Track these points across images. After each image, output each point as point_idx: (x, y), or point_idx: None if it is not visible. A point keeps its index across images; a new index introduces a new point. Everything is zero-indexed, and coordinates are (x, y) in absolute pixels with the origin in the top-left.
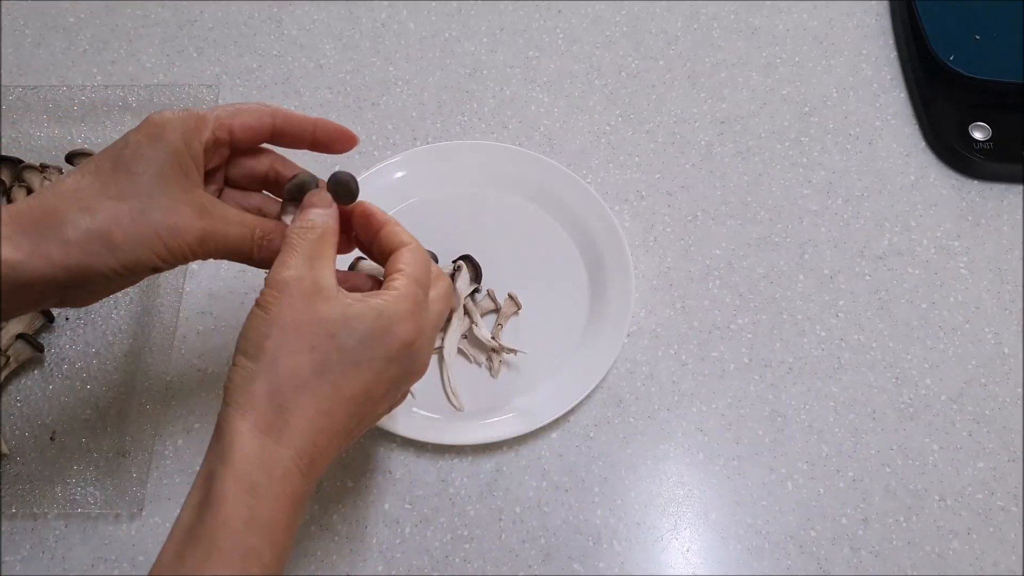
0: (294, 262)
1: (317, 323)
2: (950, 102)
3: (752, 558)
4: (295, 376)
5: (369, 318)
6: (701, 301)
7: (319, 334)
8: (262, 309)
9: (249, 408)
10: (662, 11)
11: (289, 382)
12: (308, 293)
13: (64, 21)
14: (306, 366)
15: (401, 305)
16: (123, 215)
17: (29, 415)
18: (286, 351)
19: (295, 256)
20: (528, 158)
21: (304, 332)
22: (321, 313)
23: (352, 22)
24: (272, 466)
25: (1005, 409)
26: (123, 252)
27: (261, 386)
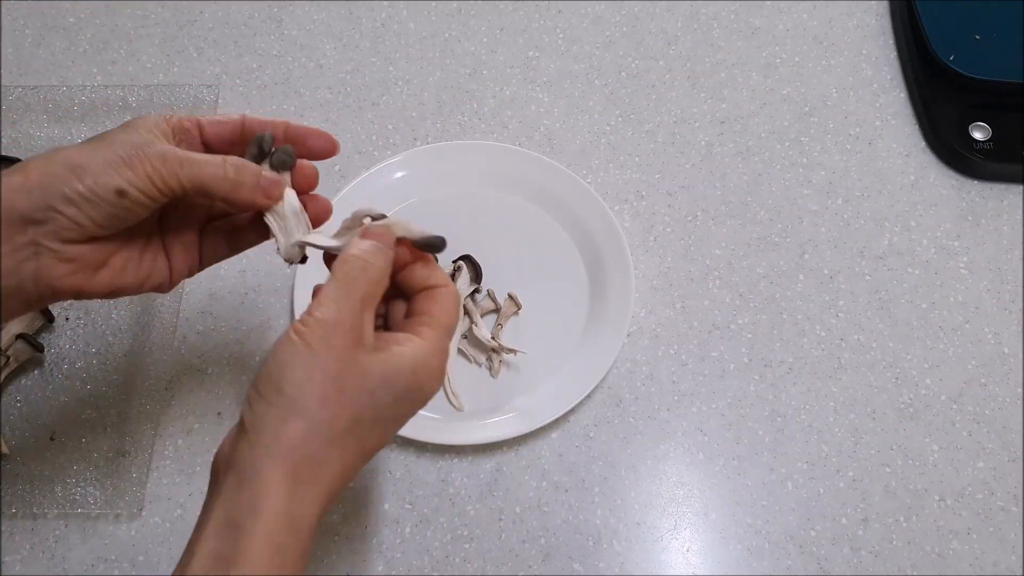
0: (346, 302)
1: (359, 377)
2: (950, 102)
3: (752, 558)
4: (331, 429)
5: (405, 375)
6: (701, 301)
7: (360, 390)
8: (306, 345)
9: (282, 456)
10: (662, 11)
11: (324, 434)
12: (354, 343)
13: (64, 21)
14: (342, 421)
15: (433, 361)
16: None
17: (29, 415)
18: (326, 402)
19: (347, 296)
20: (528, 158)
21: (346, 386)
22: (363, 367)
23: (352, 22)
24: (300, 525)
25: (1005, 409)
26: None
27: (294, 433)
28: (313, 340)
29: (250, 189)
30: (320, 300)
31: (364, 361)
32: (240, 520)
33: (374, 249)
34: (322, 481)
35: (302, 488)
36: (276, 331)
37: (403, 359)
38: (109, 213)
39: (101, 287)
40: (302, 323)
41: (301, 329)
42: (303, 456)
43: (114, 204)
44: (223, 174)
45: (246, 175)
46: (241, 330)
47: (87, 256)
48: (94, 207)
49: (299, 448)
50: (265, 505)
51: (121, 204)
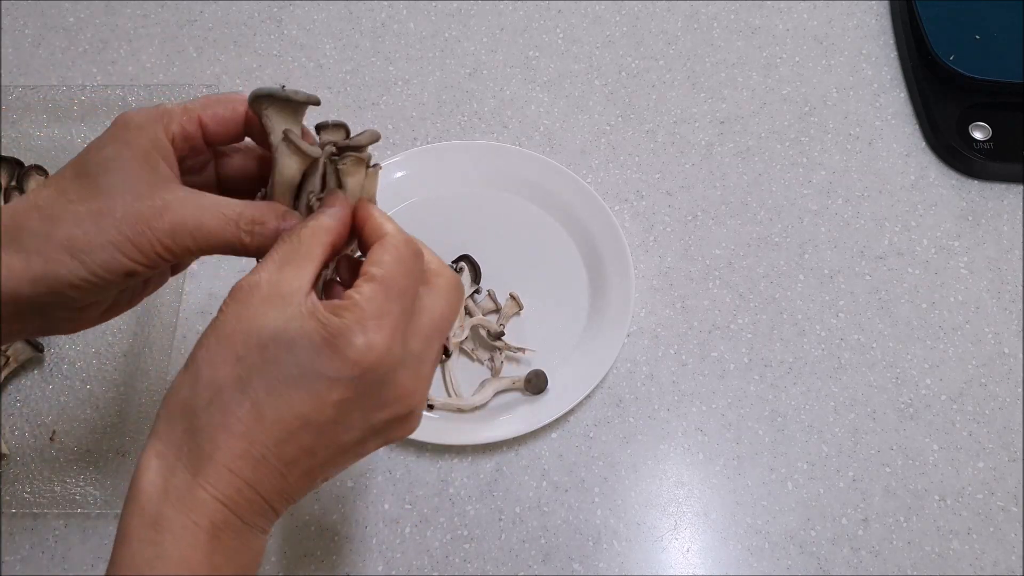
0: (265, 267)
1: (252, 331)
2: (950, 102)
3: (752, 558)
4: (210, 388)
5: (309, 327)
6: (701, 301)
7: (249, 343)
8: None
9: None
10: (662, 11)
11: (203, 396)
12: (263, 299)
13: (64, 21)
14: (226, 379)
15: (357, 316)
16: (84, 218)
17: (29, 415)
18: (209, 361)
19: (269, 260)
20: (528, 158)
21: (234, 340)
22: (261, 320)
23: (352, 22)
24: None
25: (1005, 409)
26: (88, 255)
27: (176, 397)
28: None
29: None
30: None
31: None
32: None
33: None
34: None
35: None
36: None
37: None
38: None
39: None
40: None
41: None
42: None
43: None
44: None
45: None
46: None
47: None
48: (102, 291)
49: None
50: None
51: (130, 281)
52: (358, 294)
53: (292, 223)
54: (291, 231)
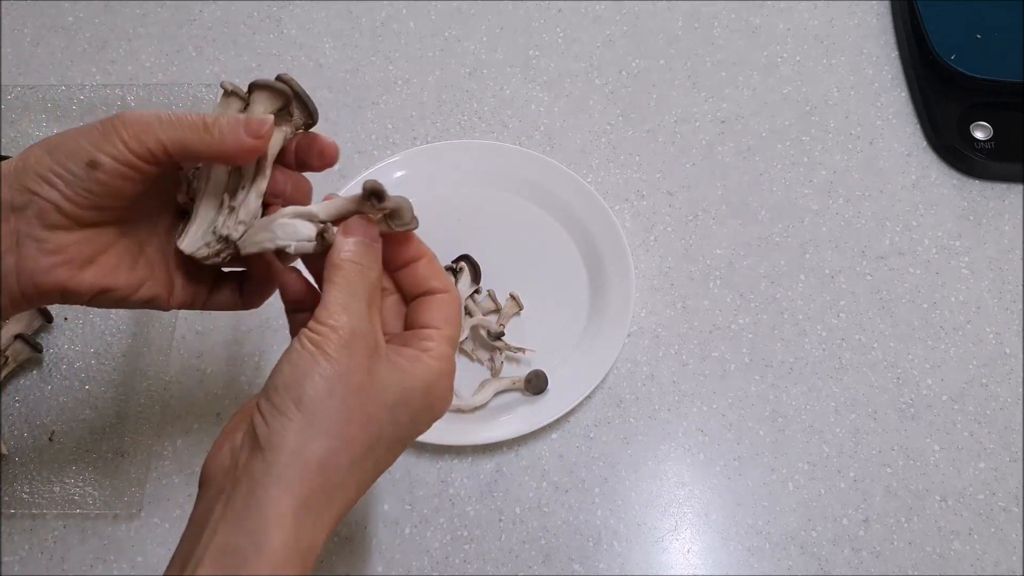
0: (356, 310)
1: (380, 392)
2: (951, 101)
3: (753, 559)
4: (352, 451)
5: (420, 393)
6: (701, 301)
7: (379, 405)
8: (325, 355)
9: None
10: (662, 11)
11: (345, 456)
12: (370, 352)
13: (63, 21)
14: (363, 441)
15: (444, 381)
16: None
17: (28, 415)
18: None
19: (355, 302)
20: (528, 158)
21: (366, 399)
22: (383, 381)
23: (352, 21)
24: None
25: (1006, 409)
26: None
27: (315, 454)
28: (331, 349)
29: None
30: (328, 308)
31: (383, 374)
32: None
33: (364, 249)
34: (334, 509)
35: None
36: (276, 331)
37: (417, 376)
38: (85, 189)
39: (87, 285)
40: (314, 331)
41: (316, 338)
42: (320, 484)
43: (88, 179)
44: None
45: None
46: (240, 330)
47: (73, 249)
48: (68, 184)
49: (317, 473)
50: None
51: (96, 178)
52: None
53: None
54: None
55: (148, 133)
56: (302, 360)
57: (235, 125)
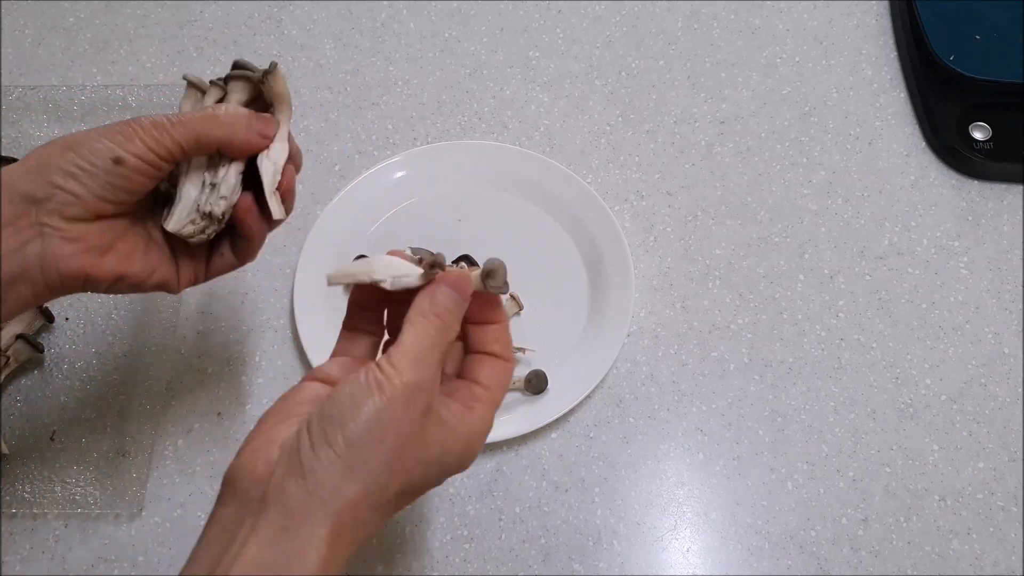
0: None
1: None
2: (950, 102)
3: (752, 558)
4: (382, 496)
5: (458, 452)
6: (701, 301)
7: (417, 462)
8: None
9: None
10: (662, 11)
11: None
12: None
13: (64, 21)
14: (394, 489)
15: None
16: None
17: (29, 415)
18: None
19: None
20: (528, 158)
21: (408, 456)
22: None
23: (352, 22)
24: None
25: (1005, 409)
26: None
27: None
28: (396, 400)
29: (245, 130)
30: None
31: (430, 433)
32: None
33: (455, 306)
34: (356, 541)
35: (342, 544)
36: (276, 331)
37: (459, 435)
38: (108, 183)
39: (107, 272)
40: (383, 371)
41: (382, 379)
42: (353, 518)
43: (112, 172)
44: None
45: (238, 117)
46: (241, 330)
47: (92, 236)
48: (93, 178)
49: (352, 509)
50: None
51: (120, 173)
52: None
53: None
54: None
55: (165, 134)
56: (368, 400)
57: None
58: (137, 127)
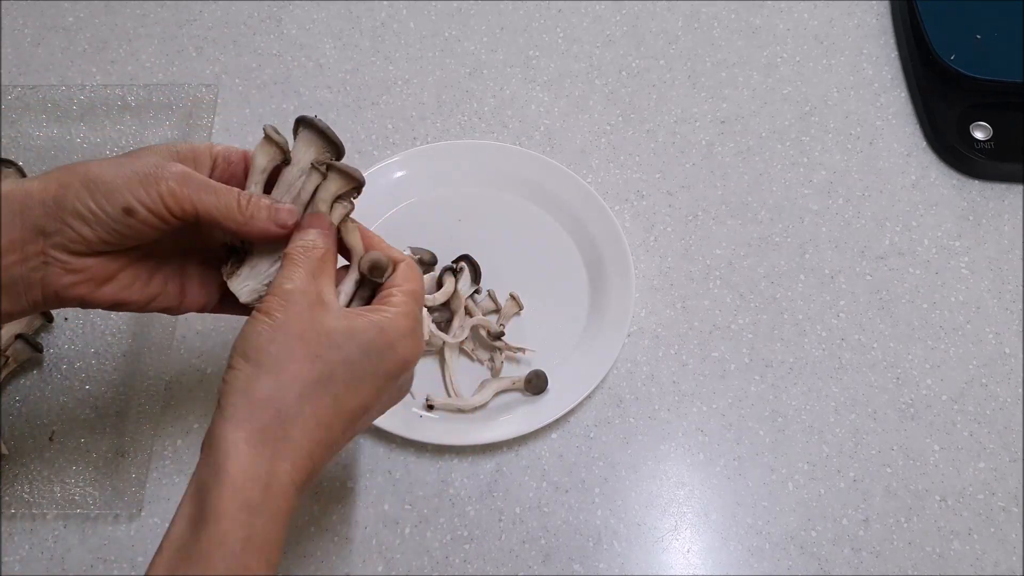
0: (298, 276)
1: (322, 333)
2: (951, 102)
3: (753, 559)
4: (298, 383)
5: (372, 333)
6: (701, 301)
7: (324, 344)
8: (266, 315)
9: (245, 417)
10: (662, 11)
11: (292, 390)
12: (312, 304)
13: (63, 21)
14: (310, 375)
15: (401, 322)
16: (107, 163)
17: (28, 415)
18: (290, 357)
19: (299, 270)
20: (528, 158)
21: (309, 341)
22: (326, 324)
23: (352, 22)
24: (269, 482)
25: (1006, 409)
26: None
27: (261, 391)
28: (273, 308)
29: (262, 222)
30: (276, 282)
31: (326, 319)
32: (207, 483)
33: (313, 234)
34: (293, 437)
35: (269, 447)
36: None
37: (367, 318)
38: (115, 231)
39: (105, 299)
40: (262, 301)
41: (261, 305)
42: (271, 414)
43: (120, 222)
44: (235, 206)
45: (259, 209)
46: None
47: (93, 269)
48: (101, 224)
49: (266, 405)
50: (228, 465)
51: (127, 223)
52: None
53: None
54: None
55: (184, 196)
56: (250, 324)
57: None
58: (161, 176)
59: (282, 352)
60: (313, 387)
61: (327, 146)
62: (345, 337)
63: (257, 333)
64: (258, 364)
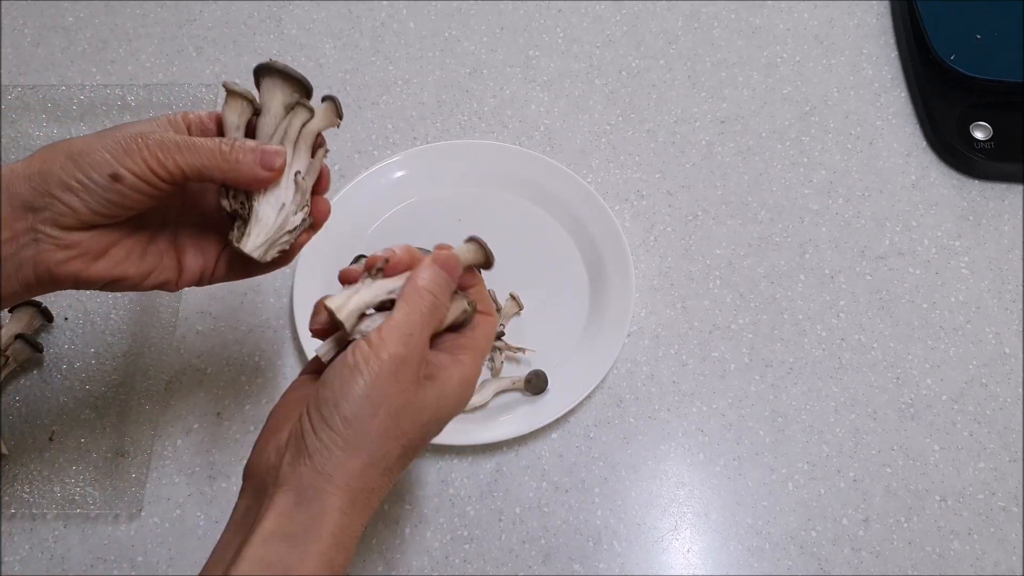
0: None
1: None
2: (951, 102)
3: (753, 558)
4: (386, 461)
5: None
6: (701, 301)
7: (415, 424)
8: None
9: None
10: (662, 11)
11: (382, 465)
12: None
13: (63, 21)
14: (396, 452)
15: (469, 386)
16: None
17: (28, 415)
18: (386, 437)
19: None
20: (528, 158)
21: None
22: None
23: (352, 21)
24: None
25: (1006, 409)
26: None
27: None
28: (383, 375)
29: (249, 166)
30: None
31: (422, 397)
32: (298, 537)
33: (443, 283)
34: (370, 506)
35: (357, 511)
36: (276, 331)
37: (450, 387)
38: (105, 199)
39: (99, 275)
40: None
41: (371, 358)
42: (360, 488)
43: (109, 190)
44: (219, 154)
45: (244, 153)
46: (240, 330)
47: (86, 244)
48: (90, 193)
49: (358, 479)
50: (324, 527)
51: (116, 190)
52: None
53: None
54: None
55: (168, 156)
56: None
57: (252, 155)
58: (142, 144)
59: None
60: (395, 462)
61: (293, 85)
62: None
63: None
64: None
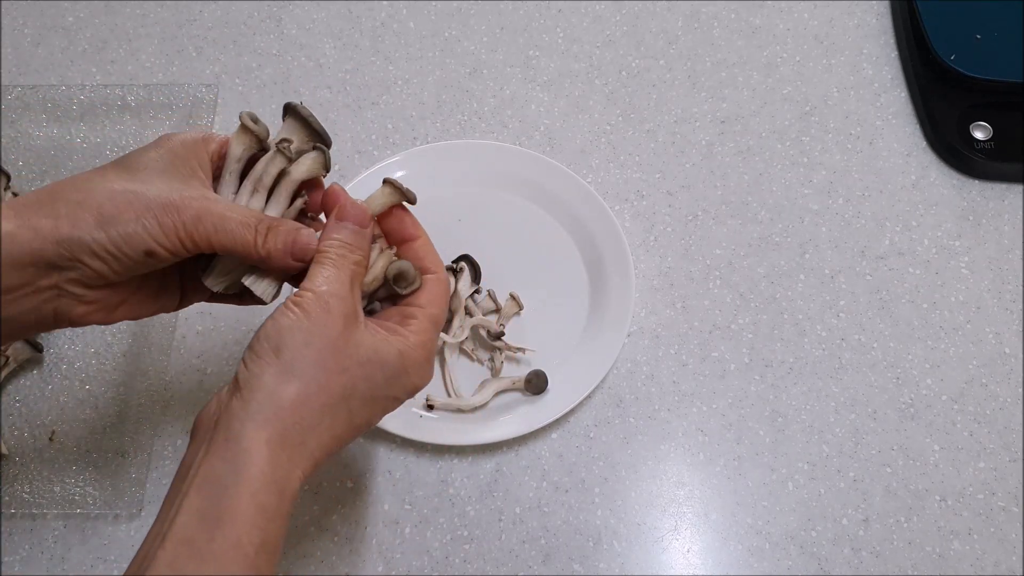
0: (337, 279)
1: (354, 347)
2: (951, 102)
3: (753, 558)
4: (325, 395)
5: (393, 357)
6: (701, 301)
7: (353, 359)
8: (305, 313)
9: (270, 419)
10: (662, 11)
11: (318, 399)
12: (348, 314)
13: (63, 21)
14: (336, 388)
15: (420, 353)
16: (118, 194)
17: (28, 415)
18: (322, 366)
19: (337, 274)
20: (528, 158)
21: (340, 353)
22: (357, 340)
23: (352, 21)
24: (284, 487)
25: (1006, 409)
26: (113, 226)
27: (288, 396)
28: (312, 309)
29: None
30: (313, 278)
31: (358, 334)
32: (225, 479)
33: (354, 234)
34: (308, 447)
35: (287, 452)
36: None
37: (391, 344)
38: (134, 267)
39: (116, 319)
40: (299, 296)
41: (299, 300)
42: (294, 421)
43: (141, 262)
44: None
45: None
46: (240, 330)
47: (106, 299)
48: (120, 263)
49: (291, 412)
50: (250, 467)
51: (147, 263)
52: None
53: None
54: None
55: (203, 237)
56: (284, 317)
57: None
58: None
59: (315, 359)
60: (336, 400)
61: (311, 135)
62: (371, 356)
63: (291, 329)
64: (290, 366)
